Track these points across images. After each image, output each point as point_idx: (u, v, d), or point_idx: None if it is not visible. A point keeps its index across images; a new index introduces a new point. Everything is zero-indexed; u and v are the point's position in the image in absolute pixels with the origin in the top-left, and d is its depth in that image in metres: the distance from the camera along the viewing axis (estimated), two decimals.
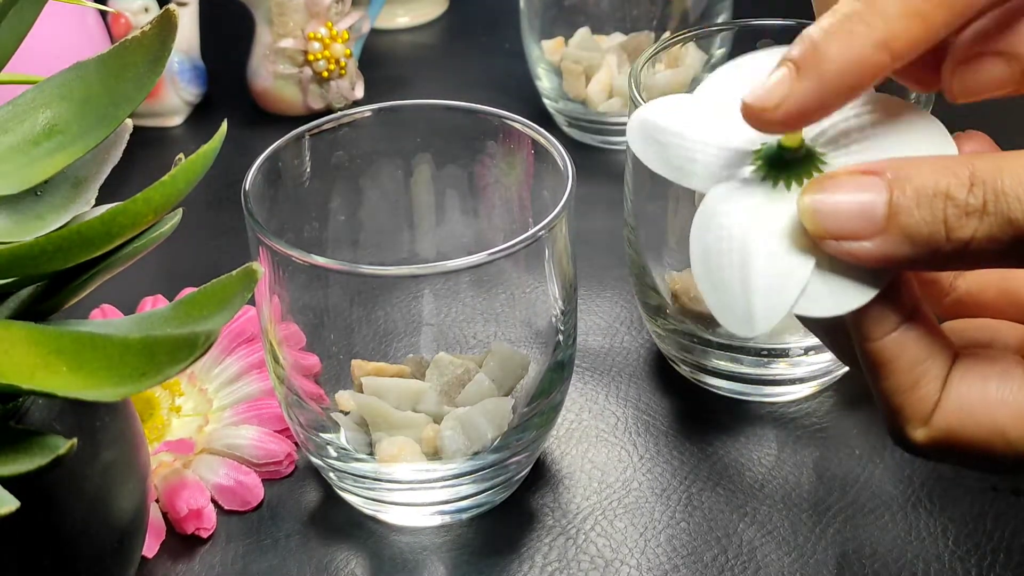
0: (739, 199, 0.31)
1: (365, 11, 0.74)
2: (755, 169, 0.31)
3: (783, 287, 0.30)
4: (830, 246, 0.30)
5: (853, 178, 0.30)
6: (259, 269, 0.32)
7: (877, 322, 0.30)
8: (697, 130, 0.32)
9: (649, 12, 0.68)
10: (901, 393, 0.31)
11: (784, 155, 0.31)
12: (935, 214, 0.29)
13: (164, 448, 0.47)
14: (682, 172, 0.32)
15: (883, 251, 0.29)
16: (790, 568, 0.44)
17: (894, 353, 0.30)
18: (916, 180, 0.29)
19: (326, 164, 0.47)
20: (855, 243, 0.29)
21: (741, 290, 0.30)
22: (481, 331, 0.47)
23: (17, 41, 0.36)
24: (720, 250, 0.30)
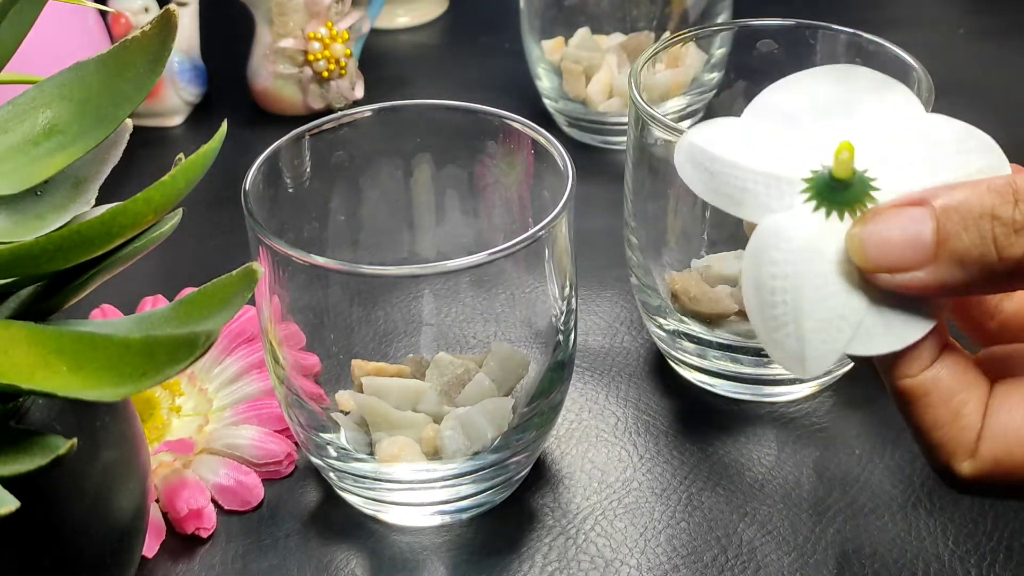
0: (791, 232, 0.31)
1: (365, 11, 0.74)
2: (807, 199, 0.31)
3: (837, 330, 0.30)
4: (882, 280, 0.30)
5: (898, 210, 0.30)
6: (259, 269, 0.32)
7: (912, 360, 0.30)
8: (747, 158, 0.32)
9: (649, 12, 0.68)
10: (941, 427, 0.30)
11: (836, 185, 0.31)
12: (983, 235, 0.29)
13: (164, 448, 0.47)
14: (732, 201, 0.32)
15: (936, 279, 0.29)
16: (790, 568, 0.44)
17: (930, 387, 0.30)
18: (961, 203, 0.29)
19: (326, 164, 0.47)
20: (907, 274, 0.29)
21: (794, 331, 0.30)
22: (481, 331, 0.47)
23: (17, 41, 0.36)
24: (773, 288, 0.31)
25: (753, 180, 0.32)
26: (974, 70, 0.76)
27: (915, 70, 0.48)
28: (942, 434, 0.30)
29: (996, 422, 0.30)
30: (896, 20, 0.83)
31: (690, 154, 0.33)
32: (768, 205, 0.31)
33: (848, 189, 0.31)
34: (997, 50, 0.79)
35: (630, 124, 0.49)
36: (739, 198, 0.32)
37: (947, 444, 0.30)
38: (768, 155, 0.32)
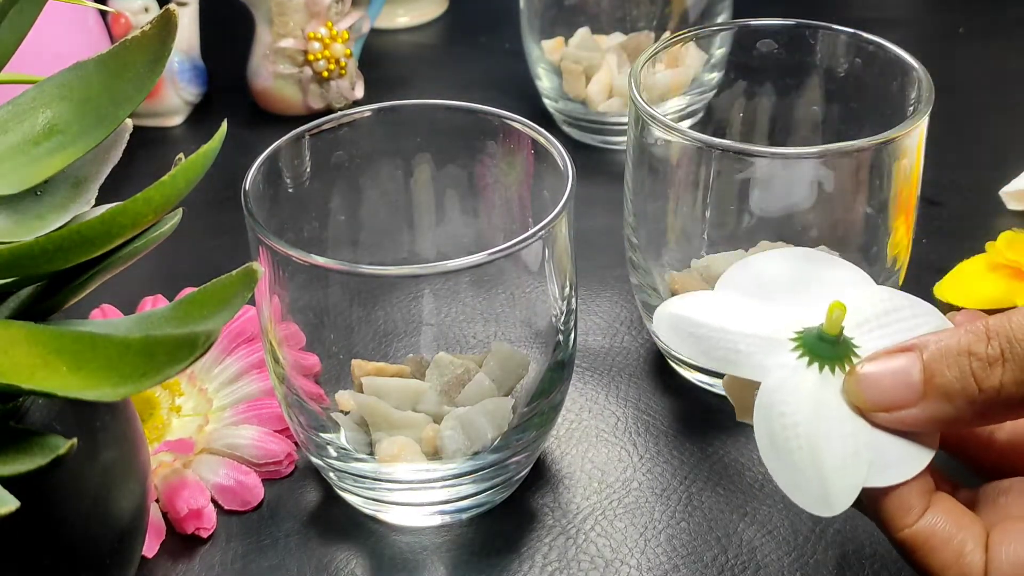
0: (794, 385, 0.34)
1: (365, 11, 0.74)
2: (799, 355, 0.34)
3: (854, 466, 0.33)
4: (881, 418, 0.33)
5: (890, 355, 0.34)
6: (259, 269, 0.32)
7: (906, 511, 0.33)
8: (732, 323, 0.35)
9: (649, 12, 0.68)
10: (948, 568, 0.33)
11: (824, 341, 0.34)
12: (963, 370, 0.33)
13: (164, 448, 0.47)
14: (727, 362, 0.35)
15: (927, 414, 0.33)
16: (790, 568, 0.44)
17: (928, 534, 0.33)
18: (943, 344, 0.33)
19: (326, 164, 0.47)
20: (902, 412, 0.33)
21: (815, 474, 0.33)
22: (481, 331, 0.47)
23: (17, 41, 0.36)
24: (787, 437, 0.33)
25: (744, 342, 0.35)
26: (974, 70, 0.76)
27: (915, 70, 0.48)
28: (952, 574, 0.33)
29: (999, 555, 0.33)
30: (896, 20, 0.83)
31: (672, 324, 0.36)
32: (764, 363, 0.34)
33: (837, 345, 0.34)
34: (997, 50, 0.79)
35: (630, 124, 0.49)
36: (734, 359, 0.35)
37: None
38: (751, 320, 0.36)
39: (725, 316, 0.36)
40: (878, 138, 0.45)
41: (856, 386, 0.34)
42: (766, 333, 0.35)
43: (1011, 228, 0.57)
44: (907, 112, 0.48)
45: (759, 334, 0.35)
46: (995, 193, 0.63)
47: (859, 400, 0.34)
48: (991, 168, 0.64)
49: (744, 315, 0.36)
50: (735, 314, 0.36)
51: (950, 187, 0.64)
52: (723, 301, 0.36)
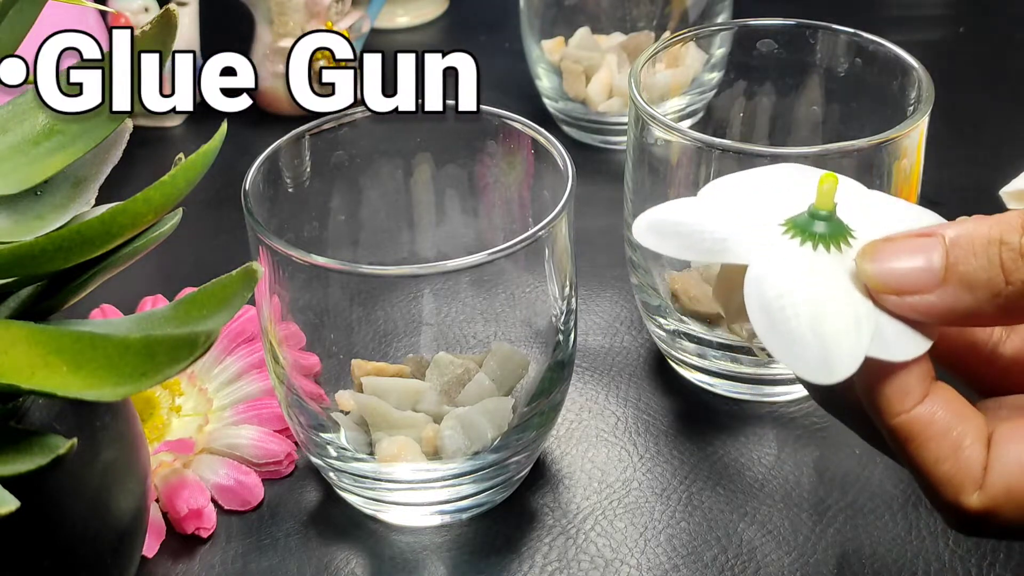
0: (787, 264, 0.32)
1: (365, 11, 0.74)
2: (790, 237, 0.32)
3: (855, 334, 0.30)
4: (891, 301, 0.30)
5: (910, 238, 0.31)
6: (259, 269, 0.32)
7: (903, 395, 0.30)
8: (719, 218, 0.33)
9: (649, 12, 0.68)
10: (944, 461, 0.30)
11: (816, 218, 0.32)
12: (991, 260, 0.30)
13: (164, 448, 0.47)
14: (713, 252, 0.33)
15: (944, 303, 0.30)
16: (790, 568, 0.44)
17: (926, 422, 0.30)
18: (971, 231, 0.30)
19: (326, 164, 0.47)
20: (916, 297, 0.30)
21: (814, 339, 0.30)
22: (481, 331, 0.47)
23: (17, 41, 0.36)
24: (783, 305, 0.31)
25: (731, 231, 0.33)
26: (974, 70, 0.76)
27: (915, 70, 0.48)
28: (947, 468, 0.30)
29: (1004, 453, 0.30)
30: (896, 20, 0.83)
31: (652, 226, 0.34)
32: (753, 248, 0.32)
33: (831, 222, 0.32)
34: (997, 50, 0.79)
35: (630, 124, 0.49)
36: (721, 247, 0.33)
37: (953, 477, 0.30)
38: (737, 214, 0.34)
39: (709, 214, 0.34)
40: (878, 138, 0.45)
41: (869, 262, 0.31)
42: (755, 220, 0.33)
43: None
44: (907, 112, 0.48)
45: (747, 223, 0.33)
46: (995, 193, 0.63)
47: (870, 278, 0.31)
48: (991, 168, 0.64)
49: (729, 211, 0.34)
50: (720, 211, 0.34)
51: (950, 187, 0.64)
52: (705, 204, 0.35)
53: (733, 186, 0.35)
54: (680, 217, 0.34)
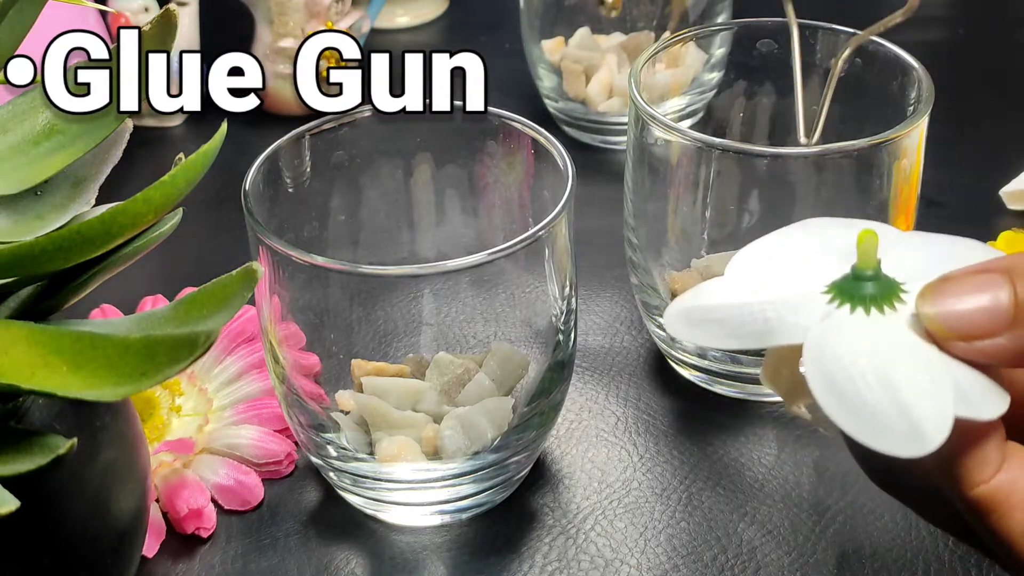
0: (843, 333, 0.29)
1: (365, 11, 0.74)
2: (838, 305, 0.30)
3: (938, 393, 0.28)
4: (959, 347, 0.28)
5: (970, 275, 0.29)
6: (259, 269, 0.32)
7: (982, 464, 0.28)
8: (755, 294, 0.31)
9: (649, 12, 0.68)
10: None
11: (862, 280, 0.30)
12: None
13: (164, 448, 0.47)
14: (759, 335, 0.30)
15: (1016, 344, 0.28)
16: (790, 568, 0.44)
17: (1008, 491, 0.28)
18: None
19: (326, 164, 0.47)
20: (987, 341, 0.28)
21: (894, 409, 0.28)
22: (481, 331, 0.47)
23: (17, 41, 0.36)
24: (851, 377, 0.28)
25: (772, 308, 0.30)
26: (974, 70, 0.76)
27: (915, 70, 0.48)
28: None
29: None
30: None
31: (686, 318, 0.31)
32: (801, 323, 0.29)
33: (877, 280, 0.30)
34: (997, 50, 0.79)
35: (630, 124, 0.49)
36: (764, 328, 0.30)
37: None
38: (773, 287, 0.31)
39: (743, 292, 0.31)
40: (878, 138, 0.45)
41: (930, 306, 0.28)
42: (795, 293, 0.30)
43: (1011, 228, 0.57)
44: (907, 112, 0.48)
45: (786, 297, 0.30)
46: (995, 193, 0.63)
47: (933, 323, 0.28)
48: (991, 168, 0.64)
49: (764, 285, 0.31)
50: (754, 287, 0.31)
51: (950, 187, 0.64)
52: (736, 281, 0.32)
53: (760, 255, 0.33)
54: (714, 301, 0.31)
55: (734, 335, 0.30)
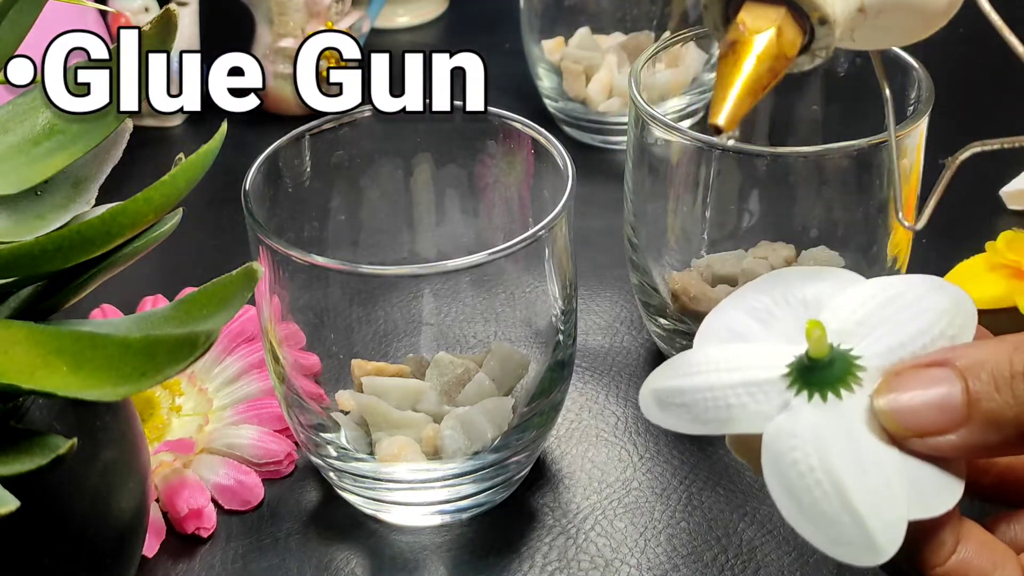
0: (798, 427, 0.30)
1: (365, 11, 0.74)
2: (796, 392, 0.30)
3: (891, 498, 0.29)
4: (914, 444, 0.29)
5: (922, 372, 0.29)
6: (259, 269, 0.32)
7: (938, 547, 0.29)
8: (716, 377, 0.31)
9: (649, 12, 0.68)
10: None
11: (816, 367, 0.30)
12: (1017, 396, 0.28)
13: (164, 448, 0.47)
14: (722, 422, 0.31)
15: (968, 441, 0.29)
16: (790, 568, 0.44)
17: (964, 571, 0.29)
18: (989, 364, 0.29)
19: (326, 164, 0.47)
20: (939, 438, 0.29)
21: (849, 519, 0.29)
22: (481, 331, 0.47)
23: (17, 41, 0.36)
24: (807, 485, 0.29)
25: (734, 394, 0.31)
26: (974, 70, 0.76)
27: (915, 70, 0.48)
28: None
29: None
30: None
31: (657, 399, 0.32)
32: (761, 411, 0.30)
33: (831, 367, 0.30)
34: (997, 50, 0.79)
35: (630, 124, 0.49)
36: (727, 415, 0.31)
37: None
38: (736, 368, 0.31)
39: (708, 373, 0.32)
40: (878, 138, 0.45)
41: (886, 408, 0.29)
42: (756, 377, 0.31)
43: (1011, 228, 0.57)
44: (907, 112, 0.48)
45: (748, 381, 0.31)
46: (995, 193, 0.63)
47: (891, 424, 0.29)
48: (991, 168, 0.64)
49: (728, 365, 0.32)
50: (718, 367, 0.32)
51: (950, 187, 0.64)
52: (703, 357, 0.32)
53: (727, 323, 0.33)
54: (680, 382, 0.32)
55: (699, 420, 0.31)
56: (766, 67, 0.32)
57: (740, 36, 0.31)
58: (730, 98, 0.31)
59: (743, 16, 0.32)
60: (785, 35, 0.32)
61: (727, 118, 0.31)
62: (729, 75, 0.31)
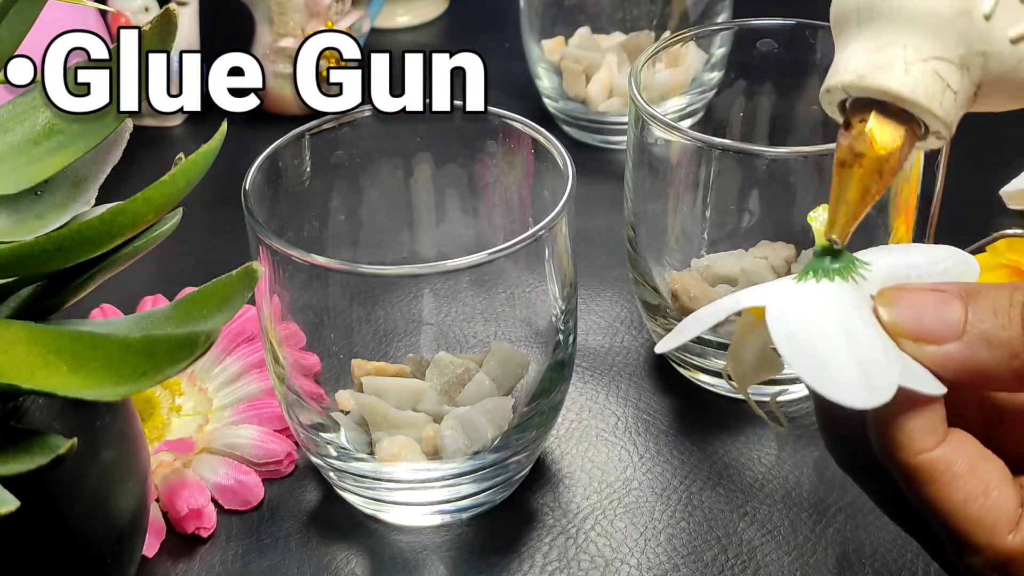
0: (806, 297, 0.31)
1: (365, 10, 0.74)
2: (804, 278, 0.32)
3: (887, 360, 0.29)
4: (909, 347, 0.30)
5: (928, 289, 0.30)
6: (259, 269, 0.32)
7: (928, 432, 0.29)
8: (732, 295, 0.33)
9: (649, 11, 0.68)
10: (973, 500, 0.29)
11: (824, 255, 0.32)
12: (1013, 321, 0.29)
13: (164, 448, 0.47)
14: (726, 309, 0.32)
15: (961, 356, 0.29)
16: (790, 568, 0.44)
17: (952, 460, 0.29)
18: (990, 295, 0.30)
19: (326, 164, 0.47)
20: (934, 347, 0.29)
21: (851, 360, 0.29)
22: (481, 331, 0.47)
23: (17, 41, 0.36)
24: (812, 329, 0.30)
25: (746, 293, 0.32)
26: None
27: None
28: (977, 507, 0.29)
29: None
30: None
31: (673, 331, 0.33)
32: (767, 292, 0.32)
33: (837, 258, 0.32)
34: None
35: (630, 124, 0.49)
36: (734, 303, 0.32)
37: (985, 517, 0.29)
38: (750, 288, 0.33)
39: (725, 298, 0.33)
40: None
41: (886, 308, 0.30)
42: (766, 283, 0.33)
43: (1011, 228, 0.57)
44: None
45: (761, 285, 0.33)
46: (995, 193, 0.63)
47: (888, 323, 0.30)
48: (991, 168, 0.64)
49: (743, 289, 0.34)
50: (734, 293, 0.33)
51: (950, 187, 0.64)
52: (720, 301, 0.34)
53: None
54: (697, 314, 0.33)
55: (709, 318, 0.32)
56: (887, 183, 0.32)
57: (867, 150, 0.31)
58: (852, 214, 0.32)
59: (874, 129, 0.31)
60: (905, 148, 0.32)
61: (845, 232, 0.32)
62: (853, 189, 0.32)
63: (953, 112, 0.31)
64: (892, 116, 0.31)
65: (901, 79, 0.31)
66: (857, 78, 0.31)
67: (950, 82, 0.31)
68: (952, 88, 0.31)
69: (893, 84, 0.31)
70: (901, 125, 0.31)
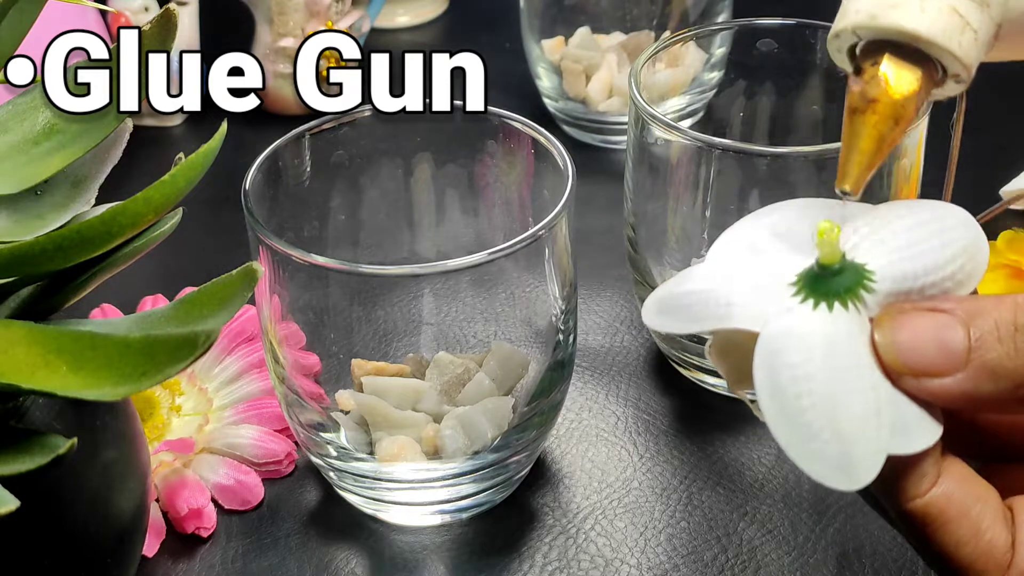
0: (803, 330, 0.29)
1: (365, 10, 0.74)
2: (801, 299, 0.29)
3: (876, 427, 0.28)
4: (908, 383, 0.29)
5: (925, 314, 0.29)
6: (259, 269, 0.32)
7: (919, 477, 0.29)
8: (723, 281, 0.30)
9: (649, 11, 0.68)
10: (965, 544, 0.29)
11: (826, 274, 0.29)
12: (1019, 349, 0.28)
13: (164, 447, 0.47)
14: (718, 319, 0.30)
15: (963, 388, 0.28)
16: (790, 567, 0.44)
17: (943, 505, 0.29)
18: (992, 316, 0.28)
19: (326, 164, 0.47)
20: (935, 380, 0.28)
21: (833, 437, 0.27)
22: (481, 330, 0.47)
23: (17, 41, 0.36)
24: (797, 393, 0.28)
25: (738, 295, 0.30)
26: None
27: None
28: (969, 551, 0.29)
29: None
30: None
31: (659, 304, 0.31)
32: (762, 312, 0.29)
33: (840, 275, 0.29)
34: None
35: (630, 123, 0.49)
36: (725, 312, 0.29)
37: (977, 561, 0.29)
38: (744, 275, 0.30)
39: (714, 278, 0.31)
40: None
41: (888, 340, 0.28)
42: (762, 282, 0.30)
43: (1011, 228, 0.57)
44: None
45: (754, 285, 0.30)
46: (995, 193, 0.63)
47: (887, 356, 0.28)
48: (991, 168, 0.64)
49: (735, 272, 0.30)
50: (725, 273, 0.31)
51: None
52: (710, 269, 0.31)
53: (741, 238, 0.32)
54: (686, 287, 0.31)
55: (696, 319, 0.30)
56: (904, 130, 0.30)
57: (881, 95, 0.29)
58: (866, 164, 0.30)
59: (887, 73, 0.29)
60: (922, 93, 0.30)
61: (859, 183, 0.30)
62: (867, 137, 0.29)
63: (973, 53, 0.29)
64: (907, 58, 0.29)
65: (917, 17, 0.28)
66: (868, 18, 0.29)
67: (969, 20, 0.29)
68: (972, 26, 0.29)
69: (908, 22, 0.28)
70: (917, 68, 0.29)
